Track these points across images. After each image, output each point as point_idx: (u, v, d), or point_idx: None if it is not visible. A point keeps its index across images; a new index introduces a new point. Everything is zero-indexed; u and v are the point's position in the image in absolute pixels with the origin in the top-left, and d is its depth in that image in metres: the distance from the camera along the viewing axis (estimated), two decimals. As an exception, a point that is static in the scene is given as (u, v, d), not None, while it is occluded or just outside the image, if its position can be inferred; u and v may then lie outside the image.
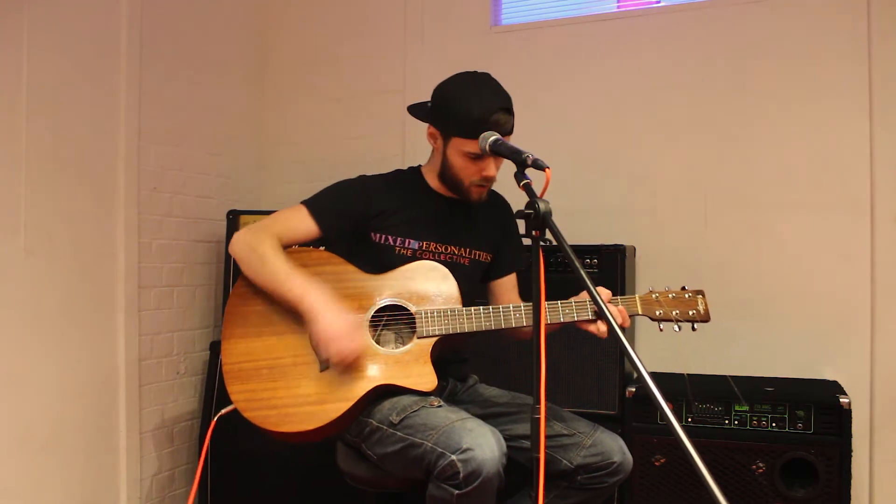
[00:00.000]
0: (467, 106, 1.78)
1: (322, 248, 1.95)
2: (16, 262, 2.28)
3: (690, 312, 1.82)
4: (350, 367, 1.79)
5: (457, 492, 1.59)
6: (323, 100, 3.35)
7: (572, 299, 1.81)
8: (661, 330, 1.84)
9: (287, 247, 1.89)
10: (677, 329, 1.82)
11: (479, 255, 2.01)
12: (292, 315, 1.83)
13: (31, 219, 2.32)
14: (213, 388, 2.77)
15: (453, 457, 1.58)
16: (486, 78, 1.87)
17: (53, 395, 2.40)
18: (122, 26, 2.62)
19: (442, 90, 1.88)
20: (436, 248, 1.94)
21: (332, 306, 1.75)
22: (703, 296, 1.84)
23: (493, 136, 1.72)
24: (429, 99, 1.94)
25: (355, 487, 1.93)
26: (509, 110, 1.81)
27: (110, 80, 2.60)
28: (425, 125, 1.95)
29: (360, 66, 3.30)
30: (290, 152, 3.40)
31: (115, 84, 2.61)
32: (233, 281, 2.78)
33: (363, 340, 1.78)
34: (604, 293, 1.76)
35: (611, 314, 1.31)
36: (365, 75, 3.29)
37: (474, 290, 2.01)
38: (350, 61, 3.31)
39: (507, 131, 1.80)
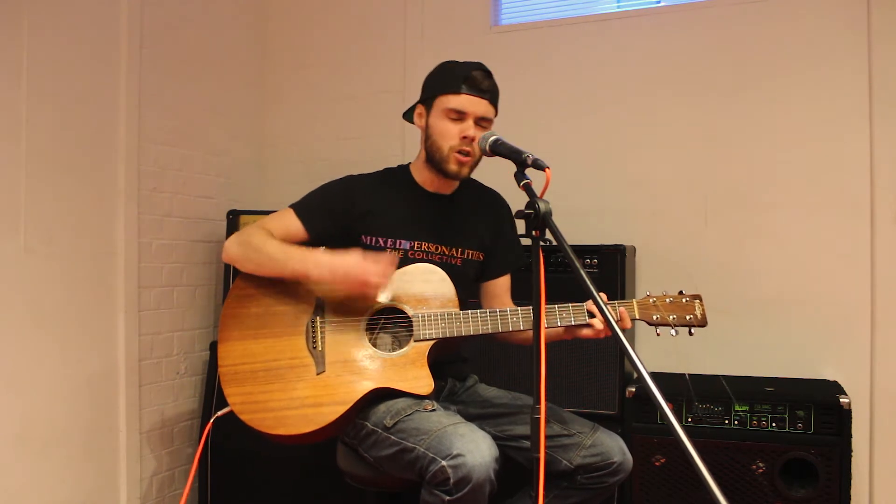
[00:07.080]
0: (449, 66, 1.93)
1: (322, 249, 1.94)
2: (16, 261, 2.28)
3: (688, 317, 1.81)
4: (347, 369, 1.79)
5: (448, 498, 1.58)
6: (323, 100, 3.35)
7: (569, 304, 1.80)
8: (658, 335, 1.83)
9: None
10: (674, 333, 1.81)
11: (471, 255, 1.99)
12: (289, 318, 1.83)
13: (31, 218, 2.32)
14: (213, 388, 2.77)
15: (444, 462, 1.58)
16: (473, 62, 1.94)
17: (53, 394, 2.40)
18: (122, 26, 2.62)
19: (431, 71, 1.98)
20: (427, 247, 1.93)
21: (336, 255, 1.78)
22: (701, 300, 1.82)
23: (492, 136, 1.72)
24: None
25: (355, 487, 1.93)
26: (489, 75, 1.88)
27: (110, 80, 2.60)
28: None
29: (360, 66, 3.30)
30: (290, 152, 3.40)
31: (115, 84, 2.61)
32: (233, 281, 2.77)
33: (392, 258, 1.80)
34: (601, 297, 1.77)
35: (610, 314, 1.31)
36: (365, 75, 3.28)
37: (468, 290, 2.00)
38: (350, 61, 3.31)
39: (486, 90, 1.86)
